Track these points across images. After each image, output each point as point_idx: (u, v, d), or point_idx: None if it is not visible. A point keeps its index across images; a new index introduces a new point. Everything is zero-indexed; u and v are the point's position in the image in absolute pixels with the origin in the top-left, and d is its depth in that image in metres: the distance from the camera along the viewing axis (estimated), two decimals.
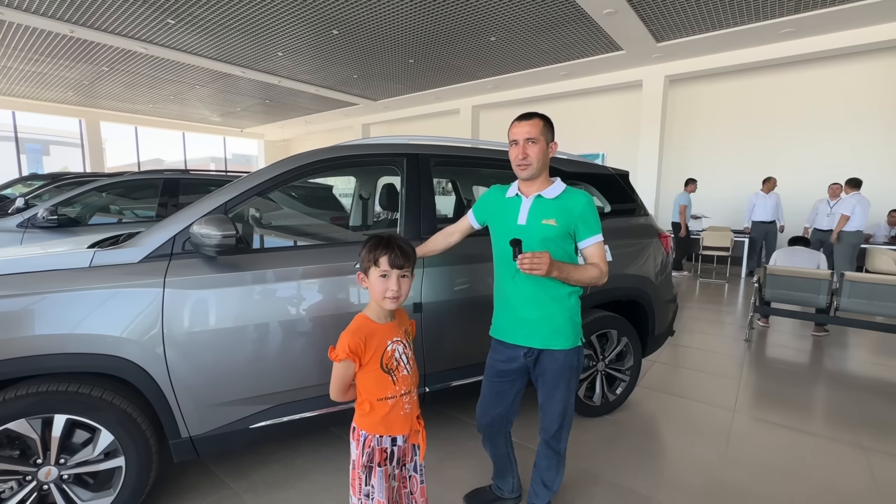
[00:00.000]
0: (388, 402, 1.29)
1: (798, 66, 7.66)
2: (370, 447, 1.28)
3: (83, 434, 1.54)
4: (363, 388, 1.30)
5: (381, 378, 1.28)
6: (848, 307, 3.76)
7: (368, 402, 1.29)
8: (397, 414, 1.30)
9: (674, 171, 9.16)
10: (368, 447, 1.28)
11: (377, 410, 1.28)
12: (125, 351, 1.51)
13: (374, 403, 1.28)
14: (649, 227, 2.79)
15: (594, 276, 1.50)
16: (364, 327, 1.28)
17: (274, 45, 7.57)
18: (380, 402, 1.28)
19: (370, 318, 1.32)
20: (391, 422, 1.29)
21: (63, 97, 11.67)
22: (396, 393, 1.30)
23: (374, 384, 1.28)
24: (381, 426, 1.29)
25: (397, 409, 1.30)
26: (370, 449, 1.28)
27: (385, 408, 1.28)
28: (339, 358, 1.24)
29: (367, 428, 1.29)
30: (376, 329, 1.30)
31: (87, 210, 4.47)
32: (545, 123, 1.53)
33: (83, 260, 1.55)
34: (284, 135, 17.27)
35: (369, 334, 1.27)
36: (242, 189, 1.78)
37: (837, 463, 2.22)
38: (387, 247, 1.26)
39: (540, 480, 1.67)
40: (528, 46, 7.48)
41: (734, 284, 7.06)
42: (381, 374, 1.28)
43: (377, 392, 1.28)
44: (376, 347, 1.28)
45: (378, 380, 1.28)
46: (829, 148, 7.61)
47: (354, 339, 1.24)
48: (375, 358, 1.27)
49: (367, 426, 1.29)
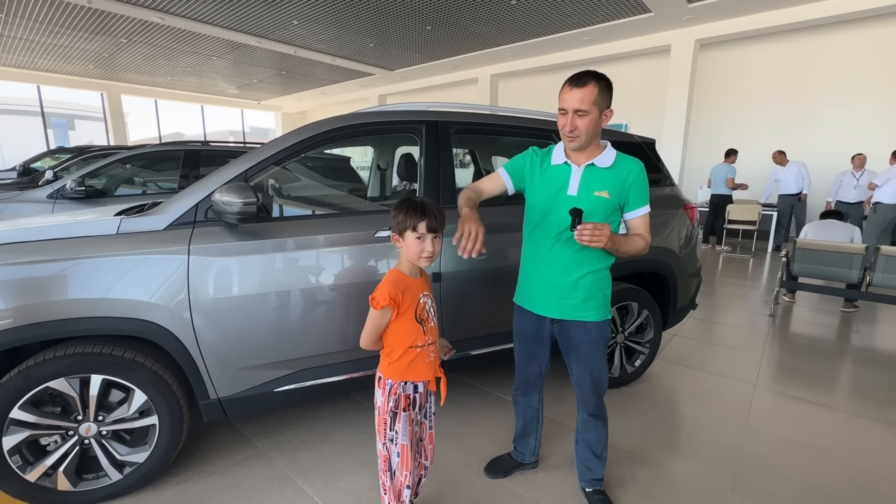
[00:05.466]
0: (418, 349, 1.38)
1: (837, 28, 7.13)
2: (396, 394, 1.38)
3: (119, 394, 1.62)
4: (396, 336, 1.37)
5: (413, 327, 1.37)
6: (881, 282, 3.61)
7: (399, 349, 1.37)
8: (423, 361, 1.40)
9: (700, 141, 8.80)
10: (395, 394, 1.37)
11: (406, 357, 1.37)
12: (154, 315, 1.56)
13: (406, 351, 1.37)
14: (675, 197, 2.70)
15: (641, 247, 1.48)
16: (401, 280, 1.35)
17: (289, 13, 7.42)
18: (410, 349, 1.37)
19: (404, 272, 1.38)
20: (417, 368, 1.39)
21: (84, 70, 11.80)
22: (425, 342, 1.40)
23: (407, 333, 1.37)
24: (408, 372, 1.38)
25: (423, 356, 1.40)
26: (396, 395, 1.38)
27: (413, 354, 1.37)
28: (379, 305, 1.30)
29: (393, 376, 1.38)
30: (410, 283, 1.37)
31: (112, 182, 4.57)
32: (600, 90, 1.37)
33: (111, 227, 1.59)
34: (301, 107, 17.18)
35: (406, 287, 1.35)
36: (262, 157, 1.78)
37: (862, 438, 2.18)
38: (424, 212, 1.32)
39: (591, 454, 1.66)
40: (551, 10, 7.14)
41: (759, 259, 6.87)
42: (415, 324, 1.37)
43: (409, 340, 1.37)
44: (411, 299, 1.36)
45: (411, 329, 1.37)
46: (868, 117, 7.16)
47: (394, 289, 1.31)
48: (411, 308, 1.36)
49: (394, 374, 1.38)
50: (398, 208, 1.35)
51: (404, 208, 1.34)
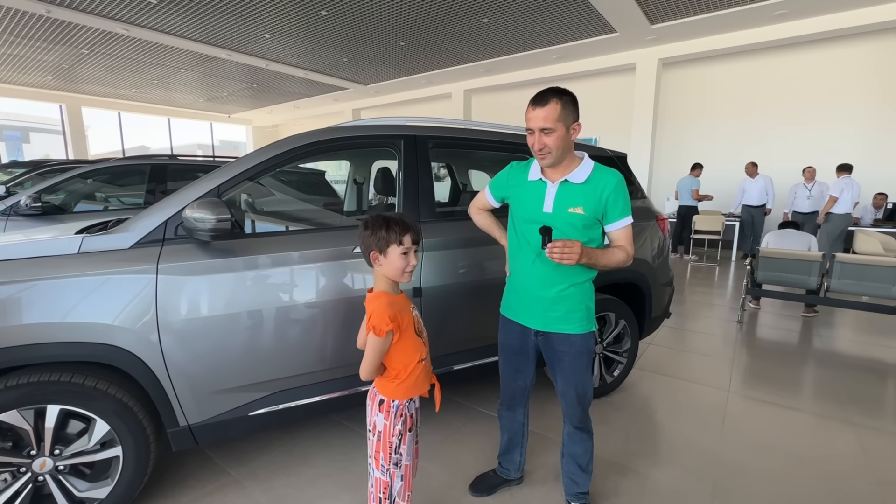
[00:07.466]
0: (422, 363, 1.35)
1: (789, 50, 7.64)
2: (403, 415, 1.33)
3: (78, 424, 1.51)
4: (401, 356, 1.32)
5: (416, 342, 1.34)
6: (838, 288, 3.81)
7: (407, 368, 1.32)
8: (427, 372, 1.38)
9: (666, 156, 9.16)
10: (401, 415, 1.33)
11: (413, 374, 1.33)
12: (118, 339, 1.47)
13: (412, 368, 1.32)
14: (647, 209, 2.78)
15: (621, 260, 1.47)
16: (394, 301, 1.31)
17: (261, 27, 7.36)
18: (418, 364, 1.34)
19: (389, 292, 1.34)
20: (423, 381, 1.36)
21: (42, 81, 11.29)
22: (425, 353, 1.37)
23: (413, 349, 1.33)
24: (413, 389, 1.34)
25: (427, 367, 1.38)
26: (403, 416, 1.33)
27: (420, 369, 1.34)
28: (383, 332, 1.24)
29: (400, 396, 1.33)
30: (399, 300, 1.34)
31: (72, 197, 4.34)
32: (563, 105, 1.38)
33: (71, 246, 1.49)
34: (273, 120, 16.94)
35: (400, 306, 1.31)
36: (236, 172, 1.73)
37: (829, 440, 2.27)
38: (406, 225, 1.30)
39: (577, 467, 1.65)
40: (522, 28, 7.36)
41: (725, 267, 7.15)
42: (416, 339, 1.34)
43: (415, 356, 1.33)
44: (408, 315, 1.33)
45: (415, 344, 1.34)
46: (818, 132, 7.66)
47: (392, 311, 1.26)
48: (410, 325, 1.33)
49: (401, 393, 1.33)
50: (374, 225, 1.29)
51: (382, 224, 1.29)
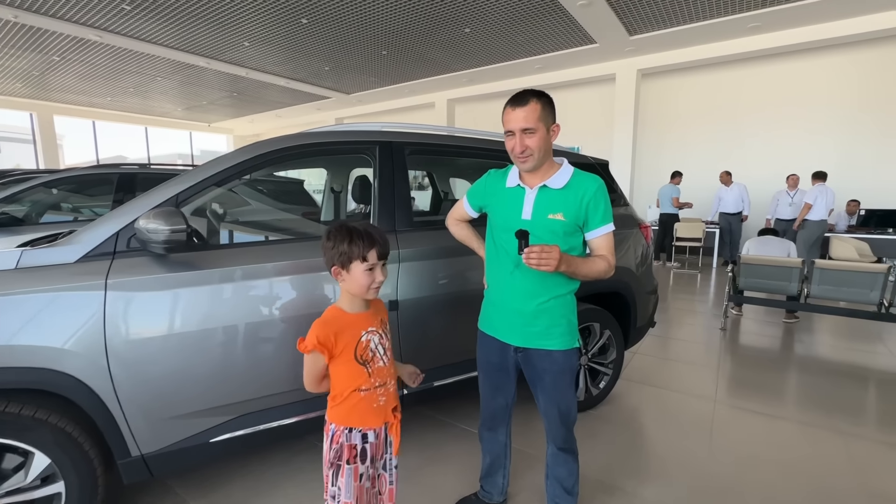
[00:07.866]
0: (361, 393, 1.22)
1: (764, 61, 7.85)
2: (338, 442, 1.21)
3: (15, 458, 1.36)
4: (337, 379, 1.23)
5: (354, 369, 1.22)
6: (818, 294, 3.84)
7: (340, 394, 1.22)
8: (369, 406, 1.24)
9: (647, 165, 9.28)
10: (336, 442, 1.22)
11: (348, 401, 1.22)
12: (60, 363, 1.33)
13: (347, 395, 1.22)
14: (630, 217, 2.75)
15: (602, 270, 1.38)
16: (336, 319, 1.21)
17: (240, 35, 7.24)
18: (352, 393, 1.22)
19: (343, 309, 1.24)
20: (361, 414, 1.23)
21: (11, 89, 10.92)
22: (371, 385, 1.24)
23: (347, 376, 1.22)
24: (352, 418, 1.22)
25: (370, 400, 1.24)
26: (338, 444, 1.21)
27: (356, 398, 1.22)
28: (307, 350, 1.17)
29: (337, 420, 1.23)
30: (350, 320, 1.23)
31: (35, 208, 4.13)
32: (543, 106, 1.32)
33: (8, 261, 1.36)
34: (254, 129, 16.72)
35: (341, 327, 1.20)
36: (197, 179, 1.61)
37: (816, 449, 2.23)
38: (372, 239, 1.20)
39: (562, 490, 1.55)
40: (503, 38, 7.40)
41: (706, 274, 7.21)
42: (356, 366, 1.22)
43: (350, 383, 1.22)
44: (349, 339, 1.21)
45: (351, 371, 1.22)
46: (794, 140, 7.85)
47: (324, 331, 1.17)
48: (348, 349, 1.21)
49: (338, 418, 1.23)
50: (336, 237, 1.19)
51: (346, 236, 1.18)
